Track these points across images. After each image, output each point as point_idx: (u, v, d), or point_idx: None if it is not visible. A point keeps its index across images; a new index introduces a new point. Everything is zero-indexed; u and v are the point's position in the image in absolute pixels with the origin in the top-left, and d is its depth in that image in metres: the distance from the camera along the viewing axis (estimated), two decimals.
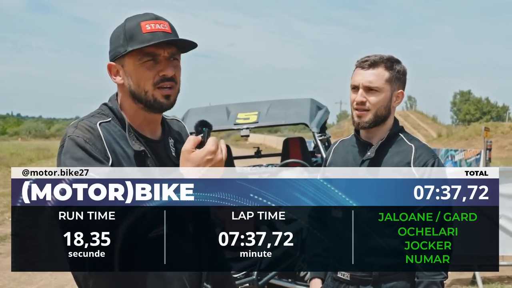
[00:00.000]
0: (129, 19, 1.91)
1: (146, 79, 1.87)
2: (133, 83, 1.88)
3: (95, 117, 1.91)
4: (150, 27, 1.86)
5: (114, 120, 1.91)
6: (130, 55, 1.86)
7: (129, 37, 1.86)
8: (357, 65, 2.50)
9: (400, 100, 2.51)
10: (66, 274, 7.31)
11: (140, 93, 1.89)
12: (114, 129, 1.89)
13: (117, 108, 1.94)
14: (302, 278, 4.53)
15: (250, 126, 5.51)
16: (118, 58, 1.90)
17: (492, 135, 32.28)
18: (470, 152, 19.71)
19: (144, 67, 1.86)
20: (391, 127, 2.50)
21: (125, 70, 1.89)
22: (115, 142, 1.85)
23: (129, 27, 1.88)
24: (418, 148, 2.41)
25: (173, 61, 1.90)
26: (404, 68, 2.50)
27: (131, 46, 1.85)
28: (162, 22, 1.89)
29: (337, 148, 2.63)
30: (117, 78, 1.93)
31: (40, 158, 26.76)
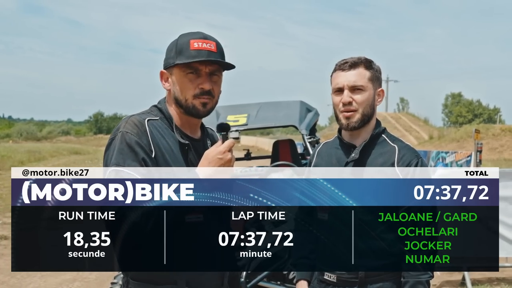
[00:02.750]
0: (183, 35, 2.18)
1: (188, 89, 2.12)
2: (178, 90, 2.14)
3: (145, 114, 2.15)
4: (197, 45, 2.11)
5: (162, 119, 2.15)
6: (178, 66, 2.12)
7: (178, 51, 2.12)
8: (336, 68, 2.53)
9: (381, 98, 2.56)
10: (56, 277, 7.14)
11: (181, 100, 2.13)
12: (161, 126, 2.12)
13: (165, 108, 2.18)
14: (291, 281, 4.51)
15: (239, 129, 5.47)
16: (169, 68, 2.15)
17: (483, 137, 32.49)
18: (461, 154, 19.83)
19: (187, 79, 2.12)
20: (374, 128, 2.52)
21: (173, 78, 2.15)
22: (161, 137, 2.07)
23: (180, 43, 2.14)
24: (401, 148, 2.42)
25: (213, 76, 2.15)
26: (379, 67, 2.56)
27: (179, 59, 2.11)
28: (209, 42, 2.15)
29: (321, 150, 2.64)
30: (166, 84, 2.19)
31: (32, 161, 26.65)
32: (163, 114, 2.16)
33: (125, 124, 2.04)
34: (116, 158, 1.90)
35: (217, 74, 2.16)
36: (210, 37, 2.18)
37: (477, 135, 19.18)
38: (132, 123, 2.04)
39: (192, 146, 2.14)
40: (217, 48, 2.16)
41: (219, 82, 2.19)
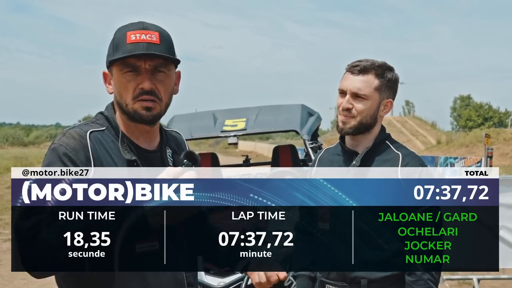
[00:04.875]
0: (120, 28, 1.94)
1: (127, 91, 1.90)
2: (117, 93, 1.93)
3: (89, 125, 1.95)
4: (134, 37, 1.87)
5: (108, 129, 1.96)
6: (115, 64, 1.90)
7: (115, 47, 1.90)
8: (347, 69, 2.50)
9: (388, 109, 2.53)
10: (38, 280, 7.35)
11: (122, 104, 1.93)
12: (107, 138, 1.93)
13: (112, 117, 1.97)
14: None
15: (237, 134, 5.50)
16: (109, 67, 1.95)
17: (493, 142, 32.37)
18: (470, 160, 19.75)
19: (125, 79, 1.89)
20: (377, 135, 2.51)
21: (113, 79, 1.94)
22: (105, 152, 1.89)
23: (117, 36, 1.92)
24: (405, 156, 2.42)
25: (158, 74, 1.90)
26: (396, 76, 2.50)
27: (116, 55, 1.89)
28: (150, 32, 1.89)
29: (322, 157, 2.65)
30: (109, 87, 1.99)
31: (18, 167, 26.34)
32: (110, 123, 1.97)
33: (61, 137, 1.89)
34: None
35: (162, 71, 1.91)
36: (152, 26, 1.92)
37: (487, 140, 19.19)
38: (70, 135, 1.88)
39: (144, 160, 1.94)
40: (160, 39, 1.90)
41: (167, 80, 1.94)
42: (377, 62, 2.48)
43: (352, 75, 2.46)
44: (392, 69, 2.51)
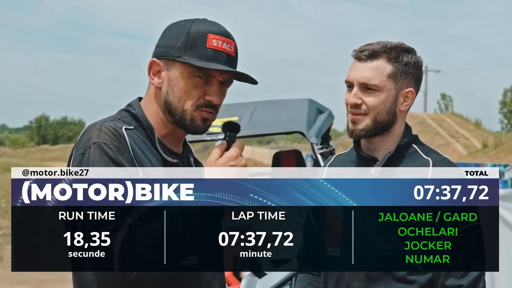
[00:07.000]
0: (198, 22, 1.86)
1: (190, 96, 1.85)
2: (174, 94, 1.86)
3: (116, 121, 1.86)
4: (216, 43, 1.83)
5: (137, 129, 1.89)
6: (183, 63, 1.82)
7: (190, 44, 1.82)
8: (353, 55, 2.18)
9: (411, 101, 2.19)
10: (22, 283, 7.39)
11: (177, 107, 1.86)
12: (138, 139, 1.86)
13: (142, 115, 1.91)
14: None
15: None
16: (167, 60, 1.86)
17: None
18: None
19: (192, 83, 1.84)
20: (401, 137, 2.21)
21: (169, 75, 1.86)
22: (141, 153, 1.84)
23: (195, 32, 1.83)
24: (436, 163, 2.16)
25: (224, 88, 1.90)
26: (416, 59, 2.17)
27: (190, 55, 1.82)
28: (230, 42, 1.85)
29: (333, 165, 2.38)
30: (156, 79, 1.89)
31: (18, 167, 25.48)
32: (139, 123, 1.90)
33: (98, 133, 1.78)
34: None
35: (227, 85, 1.92)
36: (230, 34, 1.87)
37: None
38: (109, 131, 1.78)
39: (181, 164, 1.95)
40: (235, 51, 1.88)
41: (226, 93, 1.93)
42: (390, 43, 2.15)
43: (359, 63, 2.15)
44: (411, 50, 2.18)
